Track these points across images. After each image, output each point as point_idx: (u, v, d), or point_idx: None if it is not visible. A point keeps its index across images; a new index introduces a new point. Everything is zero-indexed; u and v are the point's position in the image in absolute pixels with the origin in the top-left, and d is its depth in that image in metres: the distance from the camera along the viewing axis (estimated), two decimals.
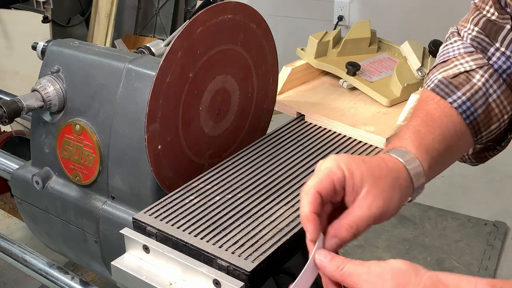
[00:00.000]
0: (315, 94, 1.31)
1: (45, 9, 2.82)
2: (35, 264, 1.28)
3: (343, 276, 0.64)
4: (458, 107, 0.81)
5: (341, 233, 0.68)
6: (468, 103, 0.81)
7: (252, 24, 1.10)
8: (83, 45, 1.20)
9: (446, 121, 0.81)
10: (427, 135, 0.78)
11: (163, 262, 0.86)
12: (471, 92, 0.82)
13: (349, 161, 0.70)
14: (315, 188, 0.68)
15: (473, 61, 0.83)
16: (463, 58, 0.84)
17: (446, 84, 0.82)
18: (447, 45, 0.88)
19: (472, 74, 0.83)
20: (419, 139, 0.78)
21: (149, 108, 0.96)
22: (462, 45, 0.86)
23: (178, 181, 1.05)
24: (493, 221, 2.52)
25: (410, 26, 3.01)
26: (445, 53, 0.87)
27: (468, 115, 0.81)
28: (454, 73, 0.83)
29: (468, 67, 0.83)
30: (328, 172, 0.69)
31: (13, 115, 1.11)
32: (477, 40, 0.84)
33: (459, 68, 0.83)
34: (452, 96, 0.81)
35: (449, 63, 0.85)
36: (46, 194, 1.22)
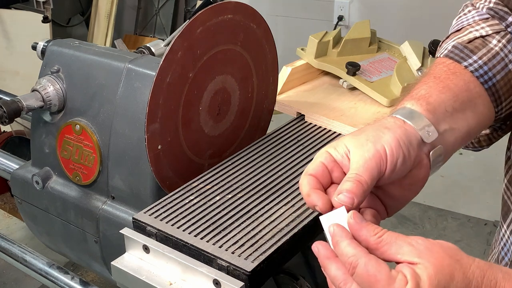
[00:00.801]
0: (315, 94, 1.31)
1: (45, 9, 2.82)
2: (35, 264, 1.28)
3: (381, 243, 0.60)
4: (475, 71, 0.77)
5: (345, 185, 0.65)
6: (485, 67, 0.77)
7: (252, 24, 1.10)
8: (83, 45, 1.20)
9: (453, 77, 0.76)
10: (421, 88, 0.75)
11: (163, 262, 0.86)
12: (488, 56, 0.78)
13: (331, 143, 0.71)
14: (305, 174, 0.69)
15: (489, 27, 0.80)
16: (478, 25, 0.81)
17: (461, 48, 0.79)
18: (460, 16, 0.85)
19: (488, 39, 0.79)
20: (410, 94, 0.75)
21: (149, 108, 0.96)
22: (476, 13, 0.82)
23: (178, 181, 1.05)
24: (493, 221, 2.52)
25: (410, 26, 3.01)
26: (458, 23, 0.84)
27: (486, 80, 0.77)
28: (469, 38, 0.79)
29: (484, 32, 0.79)
30: (315, 158, 0.70)
31: (13, 115, 1.11)
32: (494, 9, 0.81)
33: (474, 34, 0.80)
34: (467, 60, 0.77)
35: (463, 30, 0.81)
36: (46, 194, 1.22)
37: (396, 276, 0.57)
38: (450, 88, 0.75)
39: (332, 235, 0.62)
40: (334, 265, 0.61)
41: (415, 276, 0.57)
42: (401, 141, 0.68)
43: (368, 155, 0.66)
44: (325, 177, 0.69)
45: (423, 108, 0.72)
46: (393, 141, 0.67)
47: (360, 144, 0.68)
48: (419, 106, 0.72)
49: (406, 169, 0.69)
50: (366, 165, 0.66)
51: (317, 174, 0.68)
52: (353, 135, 0.70)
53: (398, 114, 0.71)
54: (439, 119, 0.72)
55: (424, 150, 0.71)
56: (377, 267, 0.58)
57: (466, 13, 0.84)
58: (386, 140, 0.67)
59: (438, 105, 0.73)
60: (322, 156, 0.69)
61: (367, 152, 0.66)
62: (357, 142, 0.68)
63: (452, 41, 0.81)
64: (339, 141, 0.70)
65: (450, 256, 0.59)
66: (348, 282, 0.60)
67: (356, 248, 0.60)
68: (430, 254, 0.58)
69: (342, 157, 0.68)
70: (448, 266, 0.58)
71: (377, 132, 0.69)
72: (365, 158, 0.66)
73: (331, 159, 0.69)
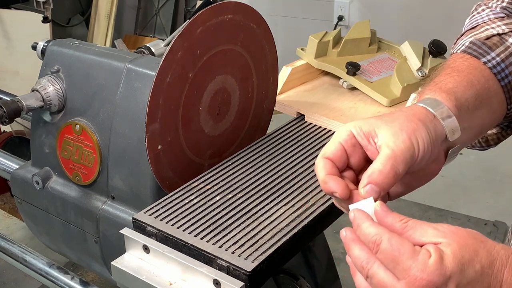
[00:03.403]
0: (315, 94, 1.31)
1: (45, 9, 2.82)
2: (35, 264, 1.28)
3: (406, 228, 0.60)
4: (493, 68, 0.77)
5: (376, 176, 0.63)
6: (502, 64, 0.77)
7: (252, 24, 1.10)
8: (83, 45, 1.20)
9: (476, 73, 0.76)
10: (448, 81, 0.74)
11: (163, 262, 0.86)
12: (505, 53, 0.78)
13: (357, 121, 0.68)
14: (322, 156, 0.67)
15: (506, 25, 0.80)
16: (494, 23, 0.81)
17: (479, 45, 0.79)
18: (474, 15, 0.85)
19: (505, 38, 0.80)
20: (437, 85, 0.74)
21: (149, 108, 0.96)
22: (491, 11, 0.83)
23: (178, 181, 1.05)
24: (493, 221, 2.52)
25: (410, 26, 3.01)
26: (472, 21, 0.84)
27: (503, 76, 0.77)
28: (487, 35, 0.80)
29: (501, 30, 0.80)
30: (334, 138, 0.68)
31: (13, 115, 1.11)
32: (509, 9, 0.82)
33: (491, 31, 0.80)
34: (486, 56, 0.78)
35: (479, 28, 0.82)
36: (46, 194, 1.22)
37: (420, 250, 0.58)
38: (474, 85, 0.75)
39: (353, 220, 0.62)
40: (358, 246, 0.61)
41: (439, 251, 0.57)
42: (432, 137, 0.67)
43: (404, 146, 0.65)
44: (343, 161, 0.67)
45: (452, 103, 0.71)
46: (426, 136, 0.67)
47: (395, 132, 0.66)
48: (448, 100, 0.71)
49: (426, 164, 0.69)
50: (402, 157, 0.64)
51: (334, 157, 0.66)
52: (384, 121, 0.67)
53: (429, 106, 0.70)
54: (462, 116, 0.72)
55: (443, 147, 0.71)
56: (400, 242, 0.58)
57: (480, 12, 0.85)
58: (420, 134, 0.66)
59: (463, 102, 0.73)
60: (343, 135, 0.67)
61: (402, 142, 0.65)
62: (391, 129, 0.66)
63: (469, 38, 0.81)
64: (365, 121, 0.68)
65: (475, 237, 0.59)
66: (371, 261, 0.60)
67: (378, 228, 0.60)
68: (454, 235, 0.59)
69: (368, 140, 0.67)
70: (473, 244, 0.58)
71: (411, 123, 0.67)
72: (402, 149, 0.64)
73: (351, 142, 0.67)
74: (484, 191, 2.69)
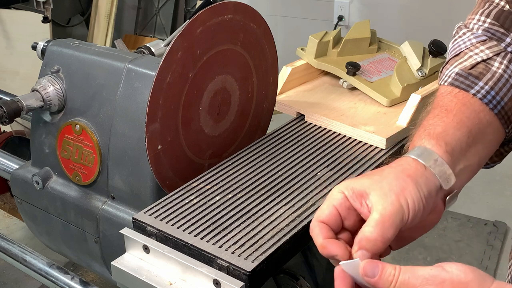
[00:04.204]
0: (315, 94, 1.31)
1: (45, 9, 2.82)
2: (35, 264, 1.28)
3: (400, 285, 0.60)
4: (483, 98, 0.76)
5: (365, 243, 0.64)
6: (492, 92, 0.76)
7: (252, 24, 1.10)
8: (83, 45, 1.20)
9: (465, 109, 0.75)
10: (437, 124, 0.73)
11: (163, 262, 0.86)
12: (493, 80, 0.77)
13: (349, 181, 0.68)
14: (317, 220, 0.67)
15: (488, 49, 0.79)
16: (477, 48, 0.79)
17: (465, 76, 0.77)
18: (456, 39, 0.83)
19: (490, 63, 0.78)
20: (426, 130, 0.73)
21: (149, 108, 0.96)
22: (472, 35, 0.81)
23: (178, 181, 1.05)
24: (493, 221, 2.52)
25: (410, 26, 3.01)
26: (455, 47, 0.82)
27: (495, 104, 0.76)
28: (471, 63, 0.78)
29: (485, 56, 0.78)
30: (328, 201, 0.68)
31: (13, 115, 1.11)
32: (491, 31, 0.80)
33: (475, 58, 0.78)
34: (474, 87, 0.76)
35: (463, 55, 0.80)
36: (46, 194, 1.22)
37: None
38: (464, 123, 0.74)
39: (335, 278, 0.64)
40: None
41: None
42: (422, 194, 0.66)
43: (392, 209, 0.64)
44: (337, 224, 0.67)
45: (442, 149, 0.70)
46: (416, 194, 0.66)
47: (384, 194, 0.65)
48: (438, 147, 0.71)
49: (422, 218, 0.68)
50: (391, 220, 0.64)
51: (329, 221, 0.67)
52: (374, 180, 0.67)
53: (419, 157, 0.69)
54: (455, 159, 0.71)
55: (440, 195, 0.70)
56: None
57: (461, 36, 0.83)
58: (409, 192, 0.65)
59: (455, 145, 0.72)
60: (336, 198, 0.67)
61: (390, 205, 0.64)
62: (380, 190, 0.66)
63: (454, 67, 0.79)
64: (357, 181, 0.68)
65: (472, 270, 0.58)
66: None
67: None
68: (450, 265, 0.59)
69: (359, 202, 0.67)
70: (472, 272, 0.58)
71: (399, 181, 0.66)
72: (389, 212, 0.64)
73: (345, 205, 0.67)
74: (484, 191, 2.69)
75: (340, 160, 1.07)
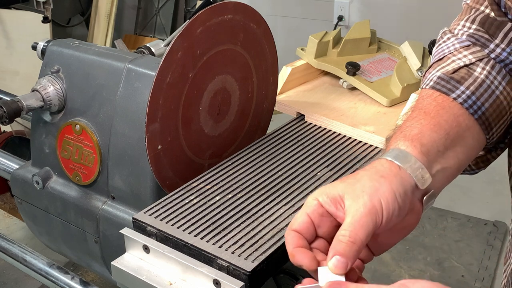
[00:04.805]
0: (315, 94, 1.31)
1: (45, 9, 2.82)
2: (35, 264, 1.28)
3: None
4: (464, 102, 0.76)
5: (339, 247, 0.63)
6: (473, 97, 0.76)
7: (252, 24, 1.10)
8: (83, 45, 1.20)
9: (443, 113, 0.75)
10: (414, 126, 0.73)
11: (163, 262, 0.86)
12: (475, 85, 0.76)
13: (324, 187, 0.68)
14: (290, 229, 0.67)
15: (472, 55, 0.78)
16: (460, 53, 0.79)
17: (447, 80, 0.77)
18: (440, 44, 0.83)
19: (472, 68, 0.78)
20: (402, 132, 0.73)
21: (149, 108, 0.96)
22: (456, 40, 0.81)
23: (178, 181, 1.05)
24: (493, 221, 2.52)
25: (410, 26, 3.01)
26: (439, 51, 0.82)
27: (476, 109, 0.76)
28: (454, 68, 0.78)
29: (468, 61, 0.78)
30: (302, 209, 0.68)
31: (13, 115, 1.11)
32: (475, 36, 0.80)
33: (458, 63, 0.78)
34: (455, 91, 0.76)
35: (446, 59, 0.80)
36: (46, 194, 1.22)
37: None
38: (441, 125, 0.74)
39: None
40: None
41: None
42: (397, 193, 0.66)
43: (364, 210, 0.64)
44: (310, 232, 0.67)
45: (417, 150, 0.71)
46: (390, 194, 0.66)
47: (356, 196, 0.65)
48: (413, 148, 0.71)
49: (399, 218, 0.68)
50: (362, 222, 0.63)
51: (301, 229, 0.66)
52: (348, 184, 0.67)
53: (393, 158, 0.69)
54: (432, 160, 0.71)
55: (417, 195, 0.70)
56: None
57: (445, 41, 0.83)
58: (382, 193, 0.65)
59: (431, 146, 0.72)
60: (310, 206, 0.67)
61: (363, 206, 0.64)
62: (353, 193, 0.66)
63: (436, 71, 0.79)
64: (332, 186, 0.68)
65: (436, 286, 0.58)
66: None
67: None
68: None
69: (335, 207, 0.66)
70: None
71: (373, 182, 0.66)
72: (361, 213, 0.64)
73: (319, 212, 0.67)
74: (484, 191, 2.69)
75: (340, 160, 1.07)
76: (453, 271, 2.29)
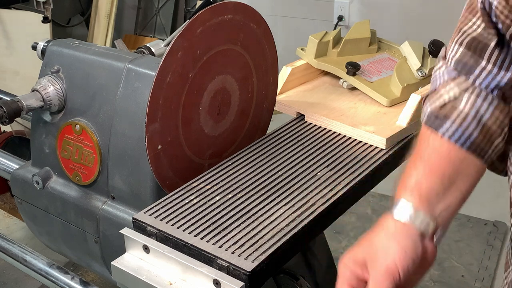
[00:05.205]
0: (315, 94, 1.31)
1: (45, 9, 2.82)
2: (35, 264, 1.28)
3: None
4: (452, 136, 0.80)
5: None
6: (459, 129, 0.79)
7: (252, 24, 1.10)
8: (83, 45, 1.20)
9: (435, 156, 0.80)
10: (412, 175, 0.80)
11: (163, 262, 0.86)
12: (460, 118, 0.80)
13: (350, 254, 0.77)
14: None
15: (457, 86, 0.81)
16: (448, 85, 0.82)
17: (435, 115, 0.81)
18: (435, 71, 0.86)
19: (458, 101, 0.81)
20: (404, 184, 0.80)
21: (149, 108, 0.96)
22: (446, 70, 0.83)
23: (178, 181, 1.05)
24: (493, 221, 2.52)
25: (410, 26, 3.01)
26: (433, 81, 0.86)
27: (464, 141, 0.79)
28: (440, 103, 0.81)
29: (452, 94, 0.81)
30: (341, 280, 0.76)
31: (13, 115, 1.11)
32: (461, 62, 0.81)
33: (444, 98, 0.81)
34: (443, 126, 0.80)
35: (436, 93, 0.83)
36: (46, 194, 1.22)
37: None
38: (435, 170, 0.79)
39: None
40: None
41: None
42: (407, 249, 0.75)
43: (382, 273, 0.73)
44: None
45: (417, 200, 0.77)
46: (400, 252, 0.74)
47: (373, 259, 0.75)
48: (413, 198, 0.78)
49: (416, 266, 0.76)
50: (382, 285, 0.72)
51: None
52: (365, 247, 0.77)
53: (397, 215, 0.77)
54: (433, 204, 0.78)
55: (426, 238, 0.77)
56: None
57: (440, 67, 0.85)
58: (394, 253, 0.74)
59: (429, 193, 0.78)
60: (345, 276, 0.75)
61: (379, 270, 0.73)
62: (370, 257, 0.75)
63: (429, 105, 0.83)
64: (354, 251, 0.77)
65: None
66: None
67: None
68: None
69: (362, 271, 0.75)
70: None
71: (384, 244, 0.75)
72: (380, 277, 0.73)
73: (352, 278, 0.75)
74: (484, 191, 2.68)
75: (340, 160, 1.07)
76: (453, 271, 2.29)
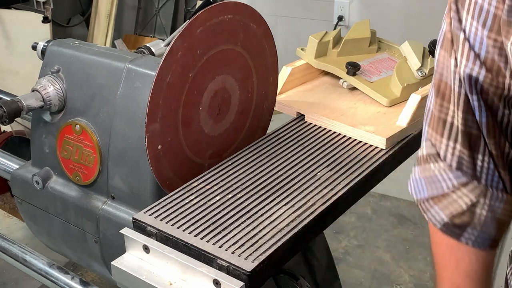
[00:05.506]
0: (315, 94, 1.31)
1: (45, 9, 2.82)
2: (35, 264, 1.28)
3: None
4: (475, 242, 0.82)
5: None
6: (481, 234, 0.81)
7: (252, 24, 1.10)
8: (83, 45, 1.20)
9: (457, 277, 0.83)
10: None
11: (163, 262, 0.86)
12: (480, 225, 0.81)
13: None
14: None
15: (471, 193, 0.80)
16: (460, 191, 0.81)
17: (453, 224, 0.82)
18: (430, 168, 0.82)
19: (475, 207, 0.81)
20: None
21: (149, 108, 0.96)
22: (452, 174, 0.81)
23: (178, 181, 1.05)
24: None
25: (410, 26, 3.01)
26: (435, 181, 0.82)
27: (483, 241, 0.82)
28: (458, 211, 0.81)
29: (469, 202, 0.80)
30: None
31: (13, 115, 1.11)
32: (463, 162, 0.79)
33: (461, 205, 0.81)
34: (463, 235, 0.82)
35: (447, 197, 0.82)
36: (46, 194, 1.22)
37: None
38: None
39: None
40: None
41: None
42: None
43: None
44: None
45: None
46: None
47: None
48: None
49: None
50: None
51: None
52: None
53: None
54: None
55: None
56: None
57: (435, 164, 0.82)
58: None
59: None
60: None
61: None
62: None
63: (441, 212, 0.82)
64: None
65: None
66: None
67: None
68: None
69: None
70: None
71: None
72: None
73: None
74: None
75: (340, 160, 1.07)
76: None
